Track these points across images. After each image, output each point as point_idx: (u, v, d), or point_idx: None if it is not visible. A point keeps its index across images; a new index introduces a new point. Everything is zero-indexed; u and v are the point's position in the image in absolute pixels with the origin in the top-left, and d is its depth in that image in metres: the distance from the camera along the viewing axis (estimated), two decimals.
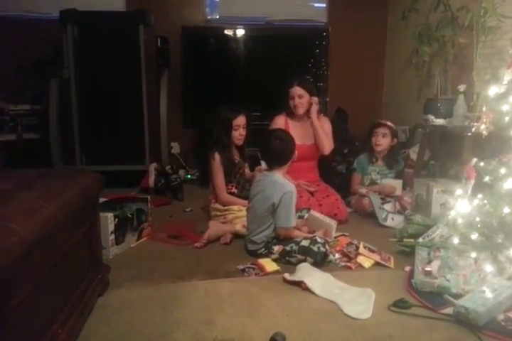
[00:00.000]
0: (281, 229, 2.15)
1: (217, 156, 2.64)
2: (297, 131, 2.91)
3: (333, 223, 2.30)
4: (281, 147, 2.22)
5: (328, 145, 2.94)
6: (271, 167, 2.26)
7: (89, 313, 1.54)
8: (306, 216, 2.41)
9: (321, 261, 2.02)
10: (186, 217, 2.83)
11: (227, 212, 2.57)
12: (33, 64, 3.62)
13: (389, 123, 3.06)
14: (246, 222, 2.31)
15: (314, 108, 2.90)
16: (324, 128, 2.95)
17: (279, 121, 2.95)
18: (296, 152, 2.28)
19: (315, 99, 2.90)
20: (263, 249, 2.16)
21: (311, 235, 2.13)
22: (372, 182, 3.06)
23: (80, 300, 1.46)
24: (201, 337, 1.45)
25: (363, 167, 3.10)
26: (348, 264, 2.05)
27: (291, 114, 2.96)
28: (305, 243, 2.04)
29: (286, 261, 2.08)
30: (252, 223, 2.24)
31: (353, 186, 3.10)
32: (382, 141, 3.02)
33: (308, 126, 2.97)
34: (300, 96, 2.87)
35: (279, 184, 2.17)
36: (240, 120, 2.66)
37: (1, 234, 0.96)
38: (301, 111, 2.90)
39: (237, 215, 2.51)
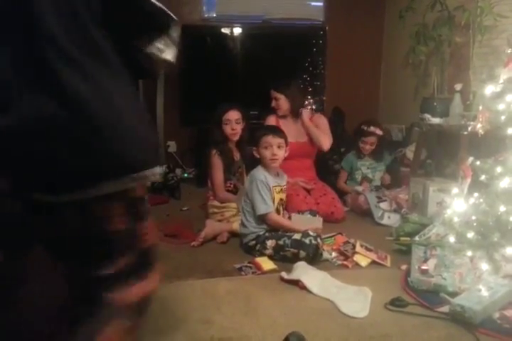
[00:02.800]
0: (261, 216, 2.19)
1: (216, 154, 2.65)
2: (289, 129, 2.92)
3: (317, 219, 2.30)
4: None
5: (325, 141, 2.96)
6: None
7: None
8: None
9: (313, 254, 2.02)
10: (183, 216, 2.83)
11: (224, 209, 2.58)
12: None
13: (378, 132, 3.07)
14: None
15: (305, 112, 2.98)
16: (319, 125, 2.99)
17: (271, 120, 3.02)
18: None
19: (307, 102, 3.05)
20: (254, 242, 2.17)
21: (303, 229, 2.14)
22: (364, 177, 3.13)
23: None
24: (198, 336, 1.46)
25: (350, 165, 3.18)
26: (345, 263, 2.06)
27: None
28: (297, 236, 2.08)
29: (281, 256, 2.09)
30: (241, 216, 2.30)
31: (338, 183, 3.20)
32: (370, 148, 3.10)
33: (300, 123, 3.01)
34: (276, 99, 2.97)
35: (250, 175, 2.27)
36: (231, 115, 2.68)
37: None
38: (278, 112, 3.00)
39: (235, 213, 2.52)
